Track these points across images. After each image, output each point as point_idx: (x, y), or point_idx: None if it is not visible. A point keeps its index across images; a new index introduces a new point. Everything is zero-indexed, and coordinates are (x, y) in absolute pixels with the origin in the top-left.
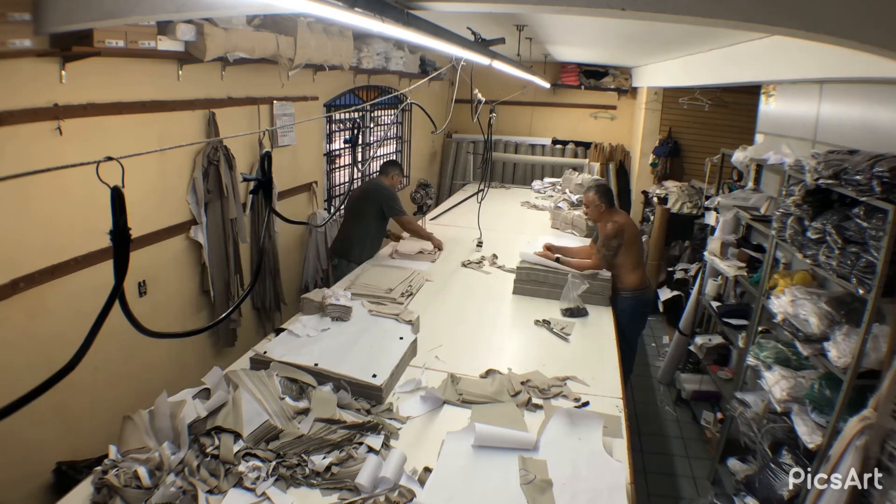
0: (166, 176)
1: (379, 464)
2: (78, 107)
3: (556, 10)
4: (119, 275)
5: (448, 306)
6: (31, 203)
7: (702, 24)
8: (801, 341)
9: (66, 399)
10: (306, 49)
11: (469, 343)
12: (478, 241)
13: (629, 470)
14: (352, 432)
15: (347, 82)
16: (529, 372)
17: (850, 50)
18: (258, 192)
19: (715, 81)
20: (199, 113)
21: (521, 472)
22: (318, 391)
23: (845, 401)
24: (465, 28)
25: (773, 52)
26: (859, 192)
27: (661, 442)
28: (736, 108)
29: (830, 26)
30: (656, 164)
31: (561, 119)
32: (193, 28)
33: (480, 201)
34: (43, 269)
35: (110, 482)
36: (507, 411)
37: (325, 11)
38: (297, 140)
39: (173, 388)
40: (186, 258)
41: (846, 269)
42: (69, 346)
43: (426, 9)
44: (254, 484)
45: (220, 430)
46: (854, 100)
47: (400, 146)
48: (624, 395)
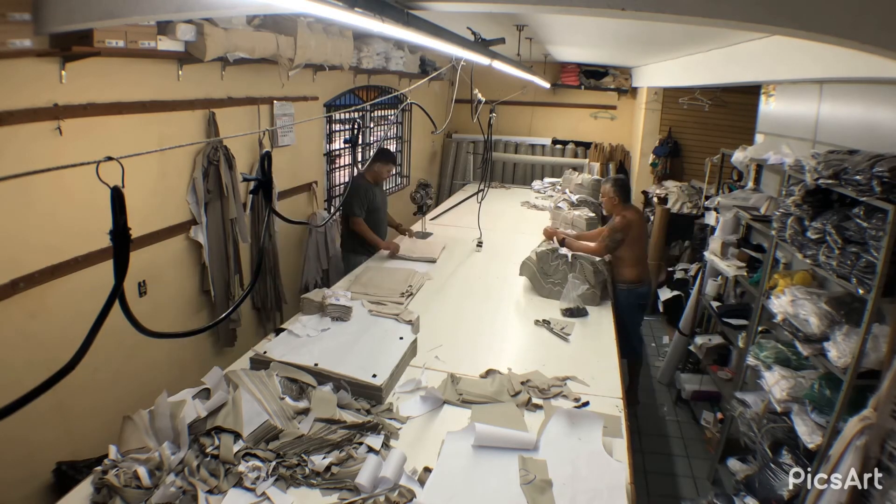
0: (166, 176)
1: (379, 464)
2: (78, 107)
3: (556, 10)
4: (119, 275)
5: (448, 306)
6: (32, 203)
7: (702, 24)
8: (801, 341)
9: (66, 399)
10: (306, 49)
11: (469, 343)
12: (478, 241)
13: (629, 470)
14: (352, 432)
15: (347, 82)
16: (529, 372)
17: (850, 50)
18: (258, 192)
19: (715, 81)
20: (199, 113)
21: (521, 472)
22: (318, 391)
23: (845, 401)
24: (465, 28)
25: (773, 52)
26: (859, 192)
27: (661, 442)
28: (736, 108)
29: (830, 26)
30: (656, 164)
31: (561, 119)
32: (193, 28)
33: (480, 201)
34: (43, 268)
35: (110, 482)
36: (507, 411)
37: (325, 11)
38: (297, 140)
39: (173, 388)
40: (186, 258)
41: (846, 269)
42: (69, 345)
43: (426, 9)
44: (254, 484)
45: (220, 430)
46: (854, 100)
47: (400, 146)
48: (624, 395)
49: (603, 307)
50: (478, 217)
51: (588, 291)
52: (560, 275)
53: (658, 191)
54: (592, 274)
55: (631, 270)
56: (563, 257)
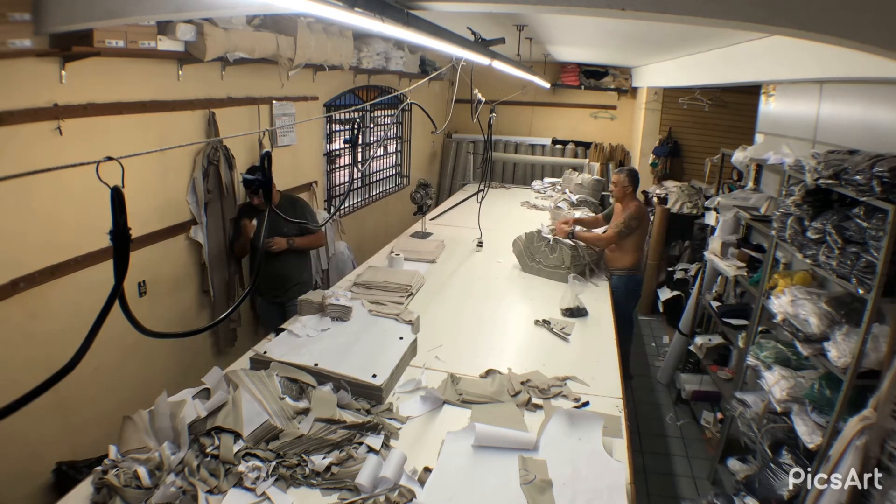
0: (166, 176)
1: (379, 464)
2: (78, 107)
3: (556, 10)
4: (119, 275)
5: (448, 306)
6: (32, 203)
7: (702, 24)
8: (801, 341)
9: (67, 399)
10: (306, 49)
11: (469, 343)
12: (478, 241)
13: (629, 470)
14: (352, 432)
15: (347, 82)
16: (529, 372)
17: (850, 50)
18: (258, 192)
19: (715, 81)
20: (199, 113)
21: (522, 472)
22: (318, 391)
23: (845, 401)
24: (465, 28)
25: (773, 52)
26: (859, 192)
27: (661, 442)
28: (736, 108)
29: (830, 26)
30: (656, 164)
31: (561, 119)
32: (193, 28)
33: (480, 201)
34: (43, 268)
35: (110, 482)
36: (506, 411)
37: (325, 11)
38: (297, 140)
39: (173, 388)
40: (186, 258)
41: (846, 269)
42: (69, 345)
43: (426, 9)
44: (254, 484)
45: (220, 430)
46: (854, 100)
47: (400, 146)
48: (624, 395)
49: (602, 304)
50: (478, 217)
51: (563, 269)
52: (541, 255)
53: (658, 191)
54: (570, 257)
55: (630, 257)
56: (545, 240)
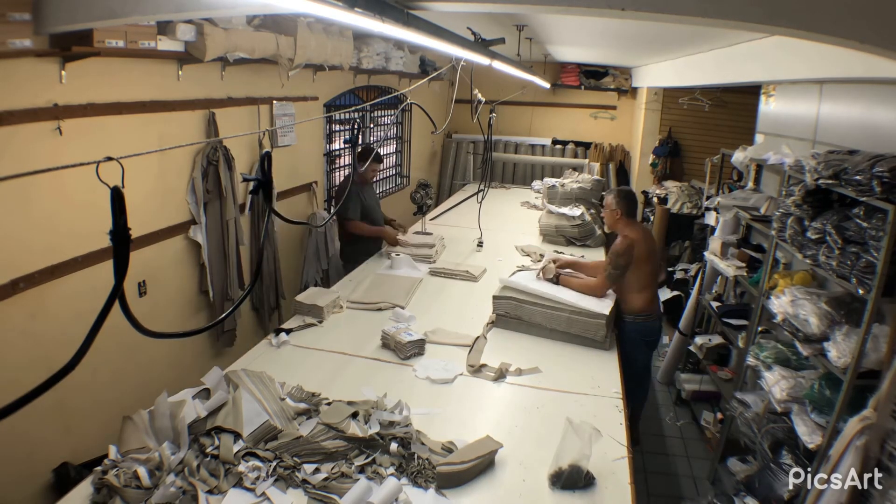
0: (166, 176)
1: (368, 489)
2: (78, 107)
3: (556, 10)
4: (119, 275)
5: (448, 306)
6: (31, 203)
7: (702, 24)
8: (801, 341)
9: (66, 399)
10: (306, 49)
11: (469, 343)
12: (478, 241)
13: (629, 470)
14: (349, 445)
15: (347, 82)
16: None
17: (850, 50)
18: (258, 192)
19: (715, 81)
20: (198, 113)
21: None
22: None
23: (845, 401)
24: (465, 28)
25: (773, 52)
26: (859, 193)
27: (661, 442)
28: (736, 108)
29: (830, 26)
30: (656, 164)
31: (561, 119)
32: (193, 28)
33: (480, 201)
34: (43, 269)
35: (110, 482)
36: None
37: (325, 11)
38: (297, 140)
39: (173, 388)
40: (186, 258)
41: (846, 269)
42: (69, 345)
43: (426, 9)
44: (253, 484)
45: (220, 430)
46: (854, 100)
47: (400, 146)
48: (624, 395)
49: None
50: (478, 217)
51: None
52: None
53: (658, 191)
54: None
55: (637, 297)
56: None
